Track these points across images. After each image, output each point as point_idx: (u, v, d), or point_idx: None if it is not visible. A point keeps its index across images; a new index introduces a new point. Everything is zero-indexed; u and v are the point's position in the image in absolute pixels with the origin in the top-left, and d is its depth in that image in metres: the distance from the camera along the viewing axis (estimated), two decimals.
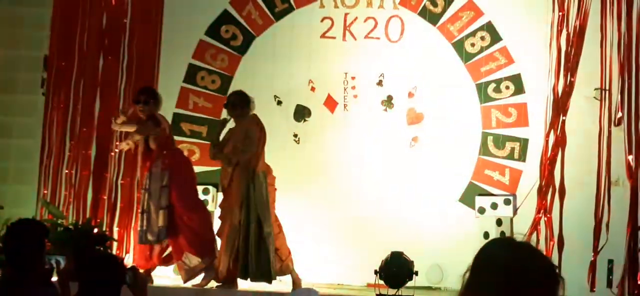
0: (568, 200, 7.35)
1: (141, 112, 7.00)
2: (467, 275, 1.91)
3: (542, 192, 7.38)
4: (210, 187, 7.92)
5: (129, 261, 7.97)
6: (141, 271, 6.63)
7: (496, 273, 1.86)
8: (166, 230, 6.82)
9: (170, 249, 6.99)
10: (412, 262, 6.39)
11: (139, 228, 6.97)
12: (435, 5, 8.13)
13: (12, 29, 8.69)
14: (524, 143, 7.86)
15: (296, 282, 6.70)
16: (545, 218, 7.36)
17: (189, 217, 6.88)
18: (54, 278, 3.76)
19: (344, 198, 7.79)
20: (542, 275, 1.89)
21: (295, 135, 8.21)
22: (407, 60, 8.13)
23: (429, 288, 7.30)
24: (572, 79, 7.41)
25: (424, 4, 8.14)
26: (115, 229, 8.14)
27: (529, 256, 1.91)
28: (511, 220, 7.48)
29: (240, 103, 6.79)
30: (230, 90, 8.27)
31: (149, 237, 6.85)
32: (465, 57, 8.03)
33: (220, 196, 8.07)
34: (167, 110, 8.43)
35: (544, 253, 7.30)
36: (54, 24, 8.48)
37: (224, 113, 7.08)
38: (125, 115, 7.12)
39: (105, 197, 8.23)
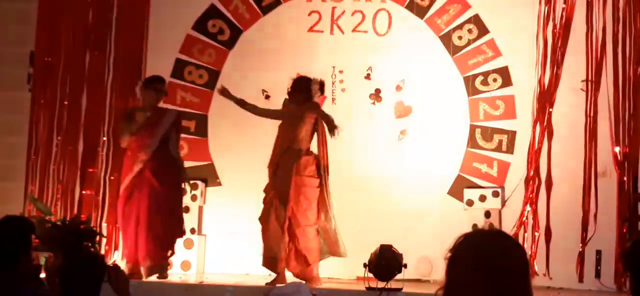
0: (555, 192, 7.39)
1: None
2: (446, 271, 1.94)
3: (529, 184, 7.42)
4: (198, 182, 7.93)
5: (118, 258, 7.97)
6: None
7: (479, 266, 1.88)
8: None
9: None
10: (401, 255, 6.39)
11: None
12: None
13: None
14: (512, 135, 7.88)
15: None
16: (533, 210, 7.40)
17: None
18: (43, 275, 3.74)
19: (333, 191, 7.77)
20: (520, 263, 1.92)
21: None
22: (395, 54, 8.14)
23: (418, 280, 7.31)
24: (559, 71, 7.45)
25: None
26: (104, 225, 8.13)
27: (507, 247, 1.93)
28: (499, 212, 7.51)
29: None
30: (217, 85, 8.25)
31: None
32: (453, 49, 8.05)
33: (210, 191, 8.10)
34: None
35: (531, 244, 7.27)
36: (39, 20, 8.43)
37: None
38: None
39: (94, 193, 8.22)
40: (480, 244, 1.94)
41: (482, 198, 7.55)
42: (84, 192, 8.24)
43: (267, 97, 8.20)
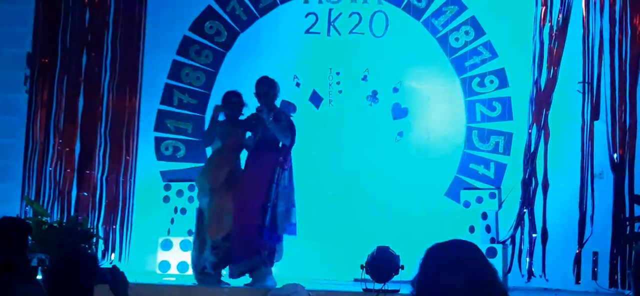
0: (552, 193, 7.40)
1: None
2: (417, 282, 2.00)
3: (526, 185, 7.42)
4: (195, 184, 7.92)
5: (115, 259, 7.96)
6: None
7: (453, 276, 1.94)
8: None
9: None
10: (398, 256, 6.39)
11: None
12: (419, 0, 8.15)
13: None
14: (509, 137, 7.89)
15: None
16: (529, 211, 7.40)
17: None
18: (39, 277, 3.74)
19: (330, 193, 7.78)
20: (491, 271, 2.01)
21: None
22: (392, 55, 8.14)
23: None
24: (555, 73, 7.46)
25: None
26: (101, 227, 8.12)
27: (478, 257, 2.00)
28: (496, 213, 7.51)
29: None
30: (214, 87, 8.25)
31: None
32: (450, 51, 8.05)
33: None
34: (152, 106, 8.43)
35: (528, 246, 7.24)
36: (36, 21, 8.43)
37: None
38: None
39: (91, 195, 8.21)
40: (444, 263, 1.97)
41: (479, 200, 7.55)
42: (81, 194, 8.24)
43: None
